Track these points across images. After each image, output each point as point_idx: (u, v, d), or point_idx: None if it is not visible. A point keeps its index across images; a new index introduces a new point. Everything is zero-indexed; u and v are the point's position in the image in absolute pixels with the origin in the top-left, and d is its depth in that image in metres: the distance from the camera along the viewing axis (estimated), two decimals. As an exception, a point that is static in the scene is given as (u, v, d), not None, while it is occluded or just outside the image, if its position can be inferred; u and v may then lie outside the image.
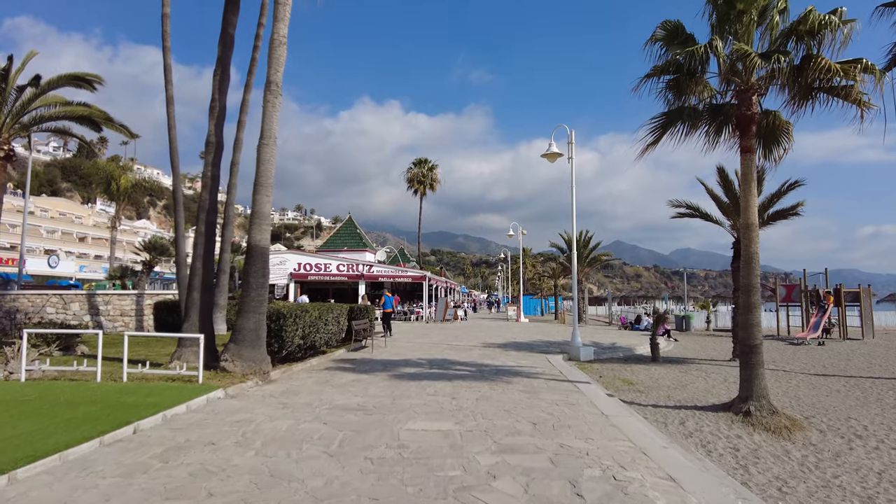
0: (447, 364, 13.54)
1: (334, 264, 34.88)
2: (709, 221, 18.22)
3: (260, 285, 10.70)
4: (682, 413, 9.31)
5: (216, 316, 18.11)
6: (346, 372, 11.97)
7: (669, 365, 15.64)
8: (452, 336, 22.91)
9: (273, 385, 10.20)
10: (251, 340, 10.47)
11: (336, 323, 14.48)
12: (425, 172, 57.97)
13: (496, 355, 15.77)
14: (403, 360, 14.16)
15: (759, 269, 9.62)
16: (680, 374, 13.79)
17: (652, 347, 16.46)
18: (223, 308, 19.53)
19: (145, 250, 24.75)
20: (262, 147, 10.93)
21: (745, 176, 9.76)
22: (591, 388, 10.57)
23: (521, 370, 12.67)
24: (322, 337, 13.45)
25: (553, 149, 17.33)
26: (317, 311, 12.90)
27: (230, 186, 21.08)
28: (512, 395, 9.35)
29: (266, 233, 10.85)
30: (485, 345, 19.04)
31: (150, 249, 24.44)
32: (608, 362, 15.97)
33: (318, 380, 10.87)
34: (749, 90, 9.68)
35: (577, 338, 16.60)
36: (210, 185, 11.77)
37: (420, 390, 9.71)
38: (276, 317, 11.26)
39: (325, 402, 8.60)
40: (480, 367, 12.98)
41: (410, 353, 15.87)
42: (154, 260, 24.55)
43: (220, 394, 8.91)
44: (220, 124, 12.04)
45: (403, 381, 10.69)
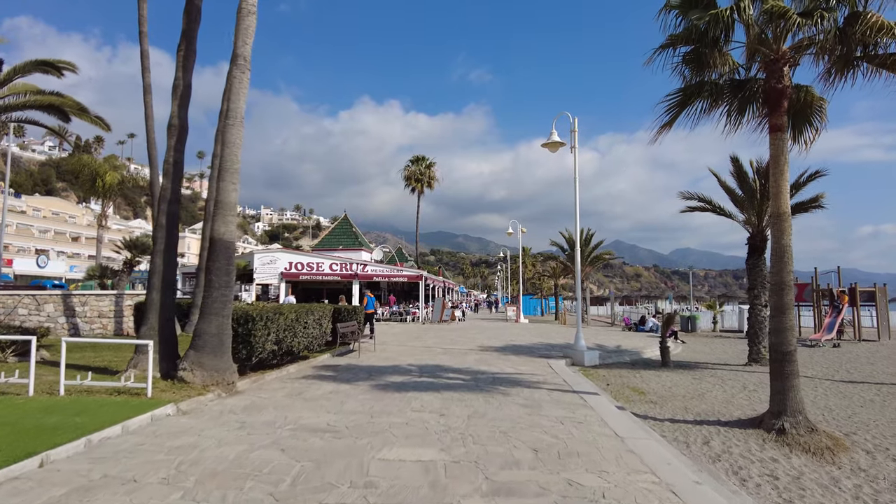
0: (439, 371, 12.29)
1: (327, 263, 33.60)
2: (721, 216, 17.00)
3: (224, 284, 9.45)
4: (704, 430, 8.07)
5: (192, 318, 16.90)
6: (324, 381, 10.72)
7: (681, 370, 14.39)
8: (448, 339, 21.66)
9: (237, 398, 8.94)
10: (213, 347, 9.22)
11: (318, 326, 13.23)
12: (423, 170, 56.72)
13: (494, 360, 14.52)
14: (391, 367, 12.91)
15: (792, 265, 8.37)
16: (694, 382, 12.55)
17: (662, 351, 15.22)
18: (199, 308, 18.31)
19: (126, 248, 23.59)
20: (227, 128, 9.68)
21: (774, 158, 8.51)
22: (599, 400, 9.32)
23: (520, 378, 11.43)
24: (301, 341, 12.20)
25: (555, 138, 16.10)
26: (293, 312, 11.65)
27: (211, 180, 19.83)
28: (510, 411, 8.10)
29: (231, 224, 9.59)
30: (482, 348, 17.79)
31: (132, 248, 23.22)
32: (615, 367, 14.72)
33: (290, 391, 9.62)
34: (780, 59, 8.43)
35: (581, 341, 15.35)
36: (172, 171, 10.52)
37: (404, 405, 8.46)
38: (244, 320, 10.02)
39: (291, 421, 7.35)
40: (476, 375, 11.73)
41: (400, 359, 14.62)
42: (136, 258, 23.32)
43: (171, 410, 7.66)
44: (185, 105, 10.79)
45: (387, 393, 9.44)
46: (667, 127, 9.99)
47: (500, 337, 22.89)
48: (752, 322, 15.65)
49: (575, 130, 16.04)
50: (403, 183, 56.87)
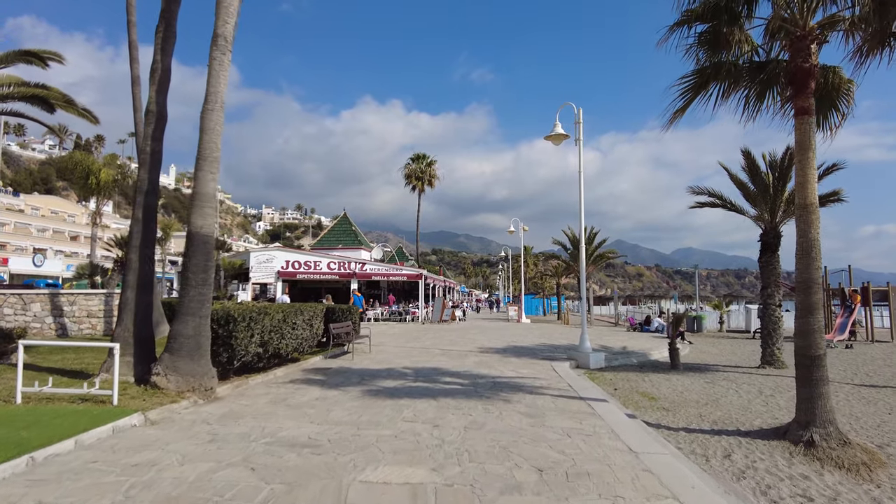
0: (436, 375, 11.57)
1: (325, 262, 32.89)
2: (731, 211, 16.25)
3: (201, 282, 8.73)
4: (723, 441, 7.34)
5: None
6: (312, 386, 10.00)
7: (691, 373, 13.65)
8: (447, 339, 20.93)
9: (215, 405, 8.23)
10: (190, 349, 8.50)
11: (308, 326, 12.51)
12: (423, 168, 55.97)
13: (494, 363, 13.79)
14: (385, 370, 12.19)
15: (820, 260, 7.63)
16: (706, 386, 11.81)
17: (671, 353, 14.48)
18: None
19: (117, 246, 22.87)
20: (206, 113, 8.97)
21: (801, 144, 7.75)
22: (608, 408, 8.58)
23: (522, 383, 10.70)
24: (289, 343, 11.49)
25: (558, 130, 15.38)
26: (280, 312, 10.93)
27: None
28: (511, 421, 7.37)
29: (209, 217, 8.88)
30: (482, 350, 17.05)
31: (122, 245, 22.47)
32: (622, 370, 13.99)
33: (274, 397, 8.90)
34: (807, 36, 7.69)
35: (587, 342, 14.61)
36: (150, 161, 9.80)
37: (395, 414, 7.73)
38: (225, 320, 9.30)
39: (269, 433, 6.63)
40: (475, 380, 11.00)
41: (396, 361, 13.90)
42: (126, 256, 22.61)
43: (137, 419, 6.94)
44: (164, 91, 10.08)
45: (378, 400, 8.71)
46: (680, 113, 9.26)
47: (501, 338, 22.16)
48: (766, 323, 14.89)
49: (580, 122, 15.31)
50: (404, 181, 56.13)
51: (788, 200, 15.08)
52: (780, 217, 15.16)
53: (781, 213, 15.15)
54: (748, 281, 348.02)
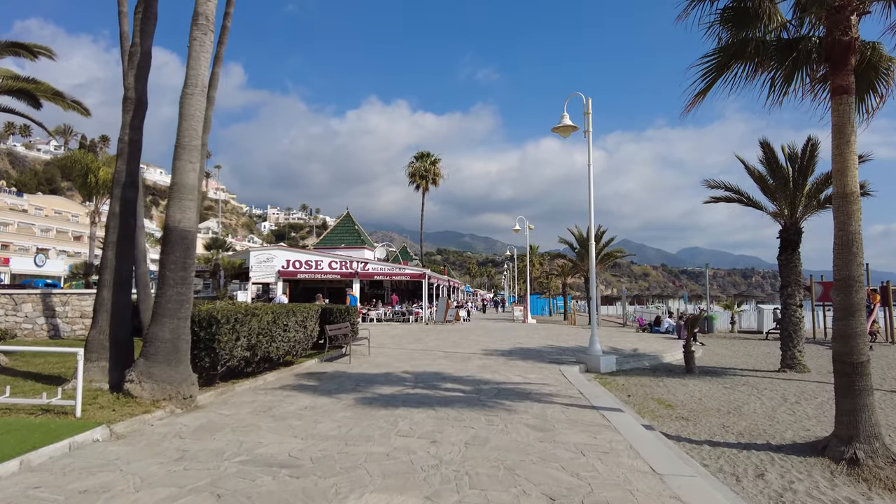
0: (437, 381, 10.83)
1: (326, 261, 32.21)
2: (749, 206, 15.41)
3: (180, 280, 8.02)
4: (754, 457, 6.57)
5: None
6: (302, 393, 9.28)
7: (708, 378, 12.86)
8: (451, 341, 20.19)
9: (192, 415, 7.52)
10: (166, 354, 7.80)
11: (301, 328, 11.78)
12: (427, 167, 55.19)
13: (499, 367, 13.04)
14: (383, 375, 11.46)
15: (862, 256, 6.85)
16: (726, 392, 11.03)
17: (686, 356, 13.69)
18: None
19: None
20: (185, 98, 8.26)
21: (839, 127, 6.96)
22: (624, 420, 7.82)
23: (529, 389, 9.94)
24: (280, 346, 10.77)
25: (566, 121, 14.62)
26: (270, 314, 10.21)
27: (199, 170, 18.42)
28: (517, 436, 6.62)
29: (189, 210, 8.16)
30: (486, 352, 16.30)
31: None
32: (634, 374, 13.21)
33: (259, 406, 8.18)
34: (846, 6, 6.91)
35: (597, 344, 13.84)
36: (128, 151, 9.10)
37: (390, 426, 7.00)
38: (207, 323, 8.59)
39: (246, 449, 5.91)
40: (478, 386, 10.24)
41: (396, 364, 13.17)
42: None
43: (100, 434, 6.23)
44: (143, 76, 9.38)
45: (371, 410, 7.98)
46: (701, 96, 8.48)
47: (506, 339, 21.39)
48: (786, 324, 14.07)
49: (588, 113, 14.55)
50: (408, 180, 55.39)
51: (810, 194, 14.27)
52: (801, 212, 14.35)
53: (802, 208, 14.33)
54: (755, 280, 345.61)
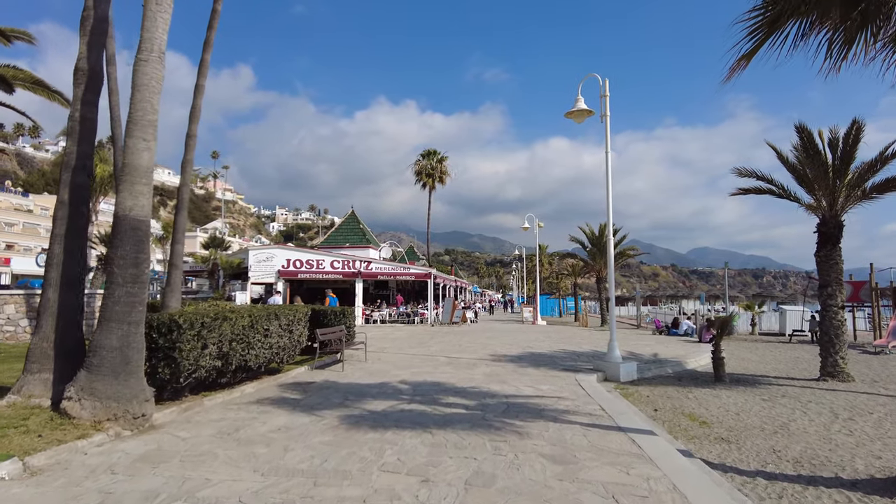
0: (437, 393, 9.54)
1: (328, 260, 31.00)
2: (782, 198, 13.99)
3: (131, 279, 6.80)
4: (825, 496, 5.25)
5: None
6: (280, 409, 8.03)
7: (740, 388, 11.51)
8: (456, 344, 18.90)
9: (141, 440, 6.28)
10: (113, 366, 6.57)
11: (286, 333, 10.53)
12: (434, 165, 53.99)
13: (507, 375, 11.74)
14: (377, 386, 10.20)
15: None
16: (765, 405, 9.67)
17: (715, 363, 12.33)
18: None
19: (102, 242, 21.20)
20: (139, 65, 7.03)
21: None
22: (658, 445, 6.50)
23: (543, 405, 8.63)
24: (261, 354, 9.53)
25: (580, 105, 13.32)
26: (247, 317, 8.97)
27: (185, 164, 17.30)
28: (531, 471, 5.31)
29: (142, 196, 6.93)
30: (494, 358, 15.00)
31: (107, 242, 20.87)
32: (658, 384, 11.87)
33: (225, 427, 6.95)
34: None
35: (616, 350, 12.51)
36: (79, 130, 7.89)
37: (374, 457, 5.72)
38: (167, 328, 7.37)
39: (186, 492, 4.66)
40: (483, 400, 8.94)
41: (393, 373, 11.90)
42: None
43: (8, 469, 4.99)
44: (98, 44, 8.17)
45: (355, 433, 6.71)
46: (745, 60, 7.16)
47: (515, 342, 20.07)
48: (826, 327, 12.67)
49: (606, 95, 13.25)
50: (415, 179, 54.20)
51: (852, 184, 12.87)
52: (842, 203, 12.95)
53: (843, 199, 12.94)
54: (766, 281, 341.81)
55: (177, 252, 16.69)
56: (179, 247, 16.80)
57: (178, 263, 16.70)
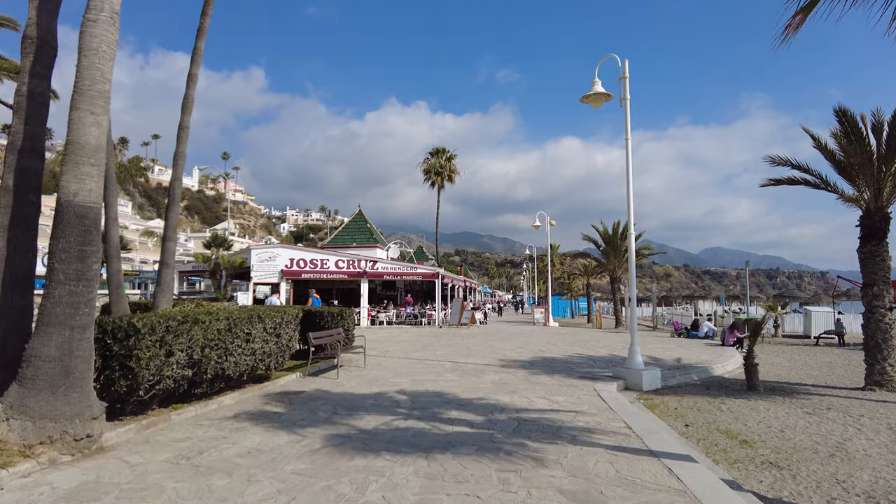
0: (439, 406, 8.45)
1: (332, 260, 30.02)
2: (819, 189, 12.79)
3: (75, 276, 5.77)
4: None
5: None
6: (257, 426, 6.99)
7: (777, 398, 10.34)
8: (464, 348, 17.80)
9: (78, 468, 5.25)
10: (51, 378, 5.56)
11: (272, 337, 9.48)
12: (443, 163, 52.89)
13: (519, 384, 10.62)
14: (373, 397, 9.12)
15: None
16: (811, 420, 8.49)
17: (748, 370, 11.15)
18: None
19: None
20: (86, 26, 6.02)
21: None
22: (701, 477, 5.36)
23: (559, 421, 7.51)
24: (242, 361, 8.49)
25: (597, 88, 12.20)
26: (224, 320, 7.93)
27: (177, 157, 16.34)
28: (548, 515, 4.24)
29: (90, 179, 5.89)
30: (504, 363, 13.88)
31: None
32: (685, 393, 10.71)
33: (186, 449, 5.91)
34: None
35: (638, 356, 11.37)
36: (27, 106, 6.89)
37: (356, 493, 4.64)
38: (123, 333, 6.34)
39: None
40: (491, 415, 7.84)
41: (393, 381, 10.84)
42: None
43: None
44: (50, 10, 7.18)
45: (338, 458, 5.65)
46: (803, 14, 6.04)
47: (526, 345, 18.93)
48: (872, 331, 11.45)
49: (625, 77, 12.12)
50: (424, 178, 53.15)
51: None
52: (889, 193, 11.71)
53: (890, 189, 11.70)
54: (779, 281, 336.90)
55: (168, 250, 15.74)
56: (171, 244, 15.85)
57: (170, 262, 15.75)
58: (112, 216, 15.17)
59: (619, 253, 32.80)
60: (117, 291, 14.81)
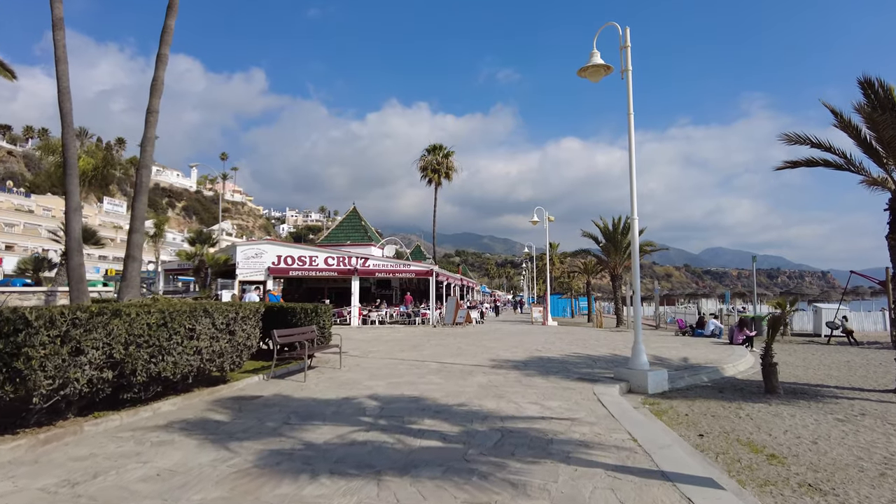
0: (411, 413, 7.24)
1: (321, 257, 28.81)
2: (843, 170, 11.58)
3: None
4: None
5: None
6: (189, 439, 5.79)
7: (801, 402, 9.13)
8: (454, 347, 16.58)
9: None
10: None
11: (223, 334, 8.24)
12: (440, 160, 51.68)
13: (508, 387, 9.40)
14: (337, 404, 7.90)
15: None
16: (847, 430, 7.28)
17: (766, 371, 9.93)
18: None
19: (66, 236, 19.39)
20: None
21: None
22: None
23: (551, 433, 6.29)
24: (184, 361, 7.27)
25: (596, 60, 11.01)
26: (157, 313, 6.73)
27: (144, 142, 15.15)
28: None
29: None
30: (495, 363, 12.67)
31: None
32: (696, 396, 9.49)
33: (77, 472, 4.71)
34: None
35: (642, 356, 10.16)
36: None
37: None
38: (11, 328, 5.15)
39: None
40: (470, 425, 6.60)
41: (367, 384, 9.62)
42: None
43: None
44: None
45: (265, 485, 4.43)
46: None
47: (522, 345, 17.70)
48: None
49: (627, 46, 10.92)
50: (420, 175, 51.94)
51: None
52: (922, 174, 10.52)
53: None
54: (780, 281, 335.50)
55: (134, 242, 14.58)
56: (137, 236, 14.69)
57: (137, 255, 14.57)
58: (73, 206, 14.01)
59: (620, 249, 31.57)
60: (78, 287, 13.64)
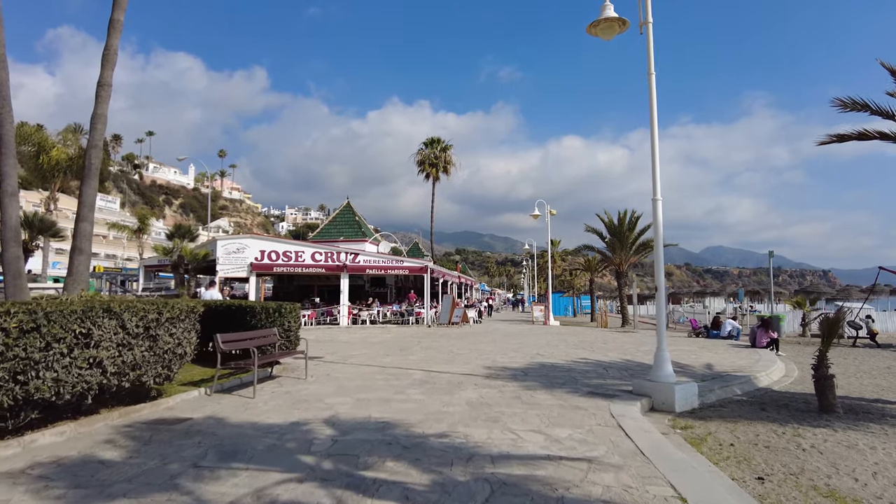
0: (370, 452, 5.40)
1: (308, 252, 26.98)
2: None
3: None
4: None
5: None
6: (35, 499, 4.01)
7: (872, 424, 7.31)
8: (446, 351, 14.75)
9: None
10: None
11: (140, 340, 6.41)
12: (438, 154, 49.92)
13: (504, 406, 7.57)
14: (280, 431, 6.07)
15: None
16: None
17: (822, 384, 8.11)
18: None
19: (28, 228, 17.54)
20: None
21: None
22: None
23: (561, 483, 4.43)
24: (75, 377, 5.46)
25: (609, 12, 9.20)
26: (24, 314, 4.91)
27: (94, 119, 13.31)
28: None
29: None
30: (490, 372, 10.84)
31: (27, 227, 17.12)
32: (735, 416, 7.65)
33: None
34: None
35: (667, 364, 8.33)
36: None
37: None
38: None
39: None
40: (447, 472, 4.75)
41: (329, 401, 7.79)
42: (33, 243, 17.36)
43: None
44: None
45: None
46: None
47: (522, 348, 15.85)
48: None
49: (647, -4, 9.11)
50: (417, 169, 50.16)
51: None
52: None
53: None
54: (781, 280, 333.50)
55: (82, 232, 12.81)
56: (86, 225, 12.90)
57: (85, 247, 12.80)
58: (9, 190, 12.18)
59: (626, 245, 29.74)
60: (14, 282, 11.81)
